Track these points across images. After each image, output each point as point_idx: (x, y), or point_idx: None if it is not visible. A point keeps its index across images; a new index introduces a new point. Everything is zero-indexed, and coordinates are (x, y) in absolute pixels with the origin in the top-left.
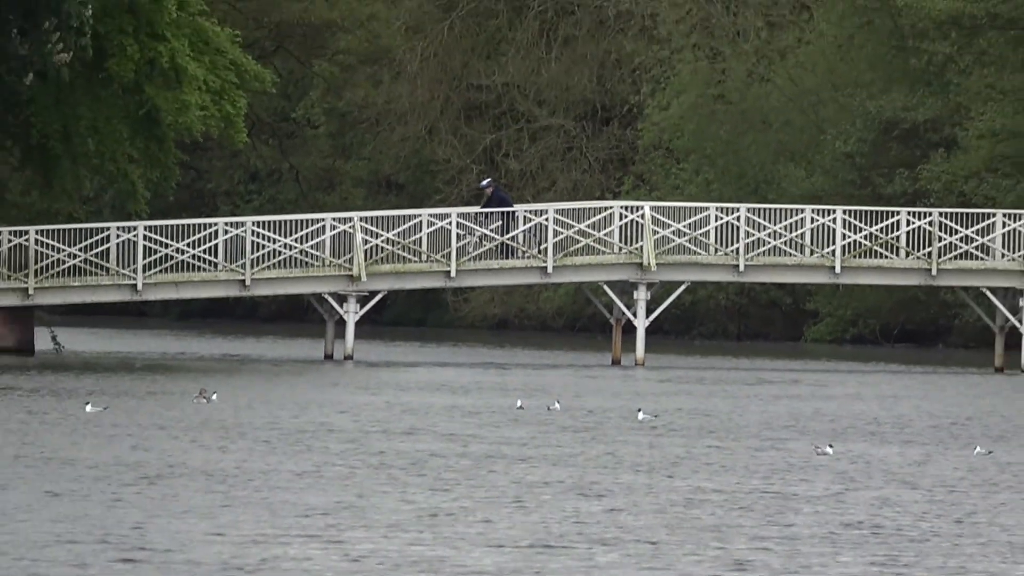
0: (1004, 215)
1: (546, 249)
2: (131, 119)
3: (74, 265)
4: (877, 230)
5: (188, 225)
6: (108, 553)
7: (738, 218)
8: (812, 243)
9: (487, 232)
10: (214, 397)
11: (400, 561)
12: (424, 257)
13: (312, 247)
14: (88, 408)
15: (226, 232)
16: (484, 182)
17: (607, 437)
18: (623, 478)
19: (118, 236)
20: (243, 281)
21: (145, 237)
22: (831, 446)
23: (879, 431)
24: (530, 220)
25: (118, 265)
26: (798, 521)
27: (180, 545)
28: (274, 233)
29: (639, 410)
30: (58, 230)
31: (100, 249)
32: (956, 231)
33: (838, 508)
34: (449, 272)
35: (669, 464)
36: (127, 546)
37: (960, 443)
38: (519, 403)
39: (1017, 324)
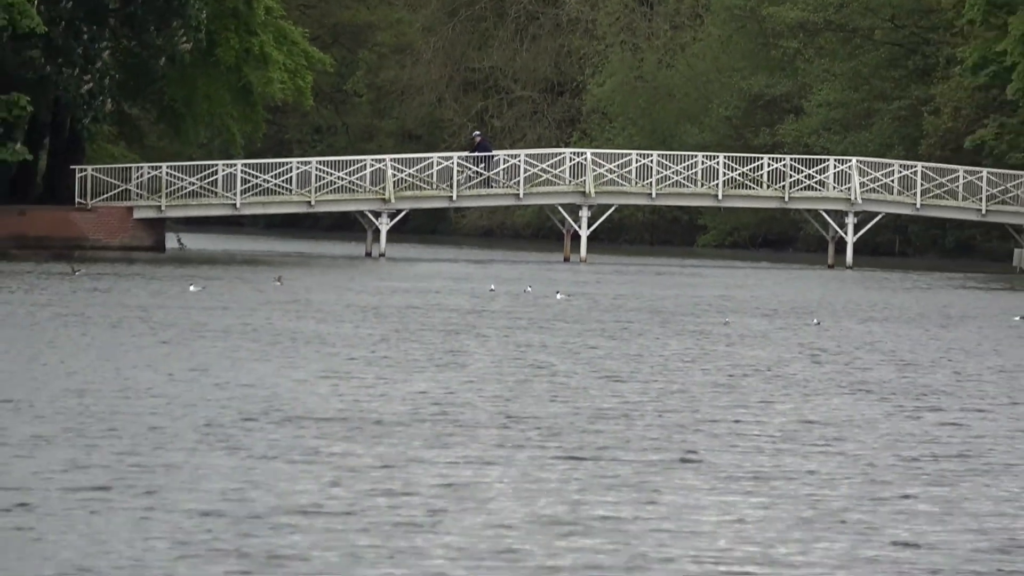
0: (835, 160)
1: (518, 181)
2: (232, 90)
3: (192, 190)
4: (747, 170)
5: (271, 163)
6: (204, 387)
7: (651, 161)
8: (702, 178)
9: (477, 170)
10: (278, 282)
11: (412, 392)
12: (434, 186)
13: (357, 179)
14: (190, 288)
15: (298, 168)
16: (476, 133)
17: (550, 310)
18: (560, 338)
19: (223, 170)
20: (310, 202)
21: (242, 171)
22: (728, 320)
23: (753, 309)
24: (507, 161)
25: (223, 190)
26: (695, 374)
27: (258, 380)
28: (331, 169)
29: (557, 292)
30: (182, 165)
31: (211, 179)
32: (802, 171)
33: (729, 362)
34: (452, 197)
35: (594, 330)
36: (218, 382)
37: (803, 316)
38: (492, 286)
39: (843, 235)
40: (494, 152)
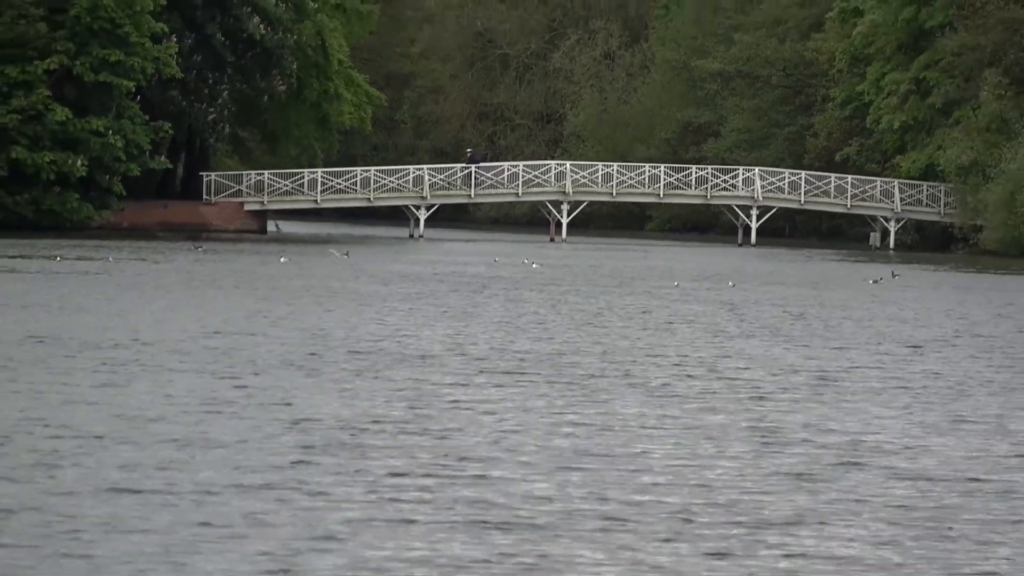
0: (744, 170)
1: (518, 184)
2: (314, 119)
3: (286, 189)
4: (681, 176)
5: (342, 171)
6: (289, 334)
7: (613, 170)
8: (648, 182)
9: (486, 175)
10: (346, 256)
11: (439, 338)
12: (459, 187)
13: (403, 182)
14: (281, 259)
15: (361, 174)
16: (468, 150)
17: (536, 274)
18: (542, 292)
19: (308, 176)
20: (369, 198)
21: (321, 176)
22: (677, 283)
23: (687, 275)
24: (510, 170)
25: (308, 190)
26: (647, 319)
27: (328, 327)
28: (385, 175)
29: (532, 262)
30: (279, 172)
31: (299, 182)
32: (720, 177)
33: (671, 312)
34: (470, 195)
35: (567, 288)
36: (296, 327)
37: (722, 282)
38: (495, 259)
39: (749, 223)
40: (481, 163)
